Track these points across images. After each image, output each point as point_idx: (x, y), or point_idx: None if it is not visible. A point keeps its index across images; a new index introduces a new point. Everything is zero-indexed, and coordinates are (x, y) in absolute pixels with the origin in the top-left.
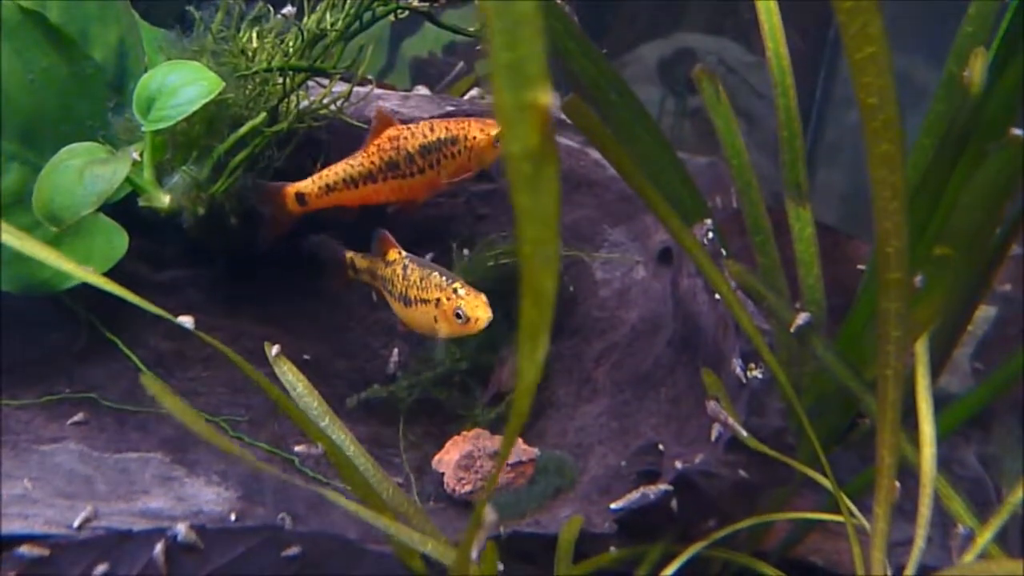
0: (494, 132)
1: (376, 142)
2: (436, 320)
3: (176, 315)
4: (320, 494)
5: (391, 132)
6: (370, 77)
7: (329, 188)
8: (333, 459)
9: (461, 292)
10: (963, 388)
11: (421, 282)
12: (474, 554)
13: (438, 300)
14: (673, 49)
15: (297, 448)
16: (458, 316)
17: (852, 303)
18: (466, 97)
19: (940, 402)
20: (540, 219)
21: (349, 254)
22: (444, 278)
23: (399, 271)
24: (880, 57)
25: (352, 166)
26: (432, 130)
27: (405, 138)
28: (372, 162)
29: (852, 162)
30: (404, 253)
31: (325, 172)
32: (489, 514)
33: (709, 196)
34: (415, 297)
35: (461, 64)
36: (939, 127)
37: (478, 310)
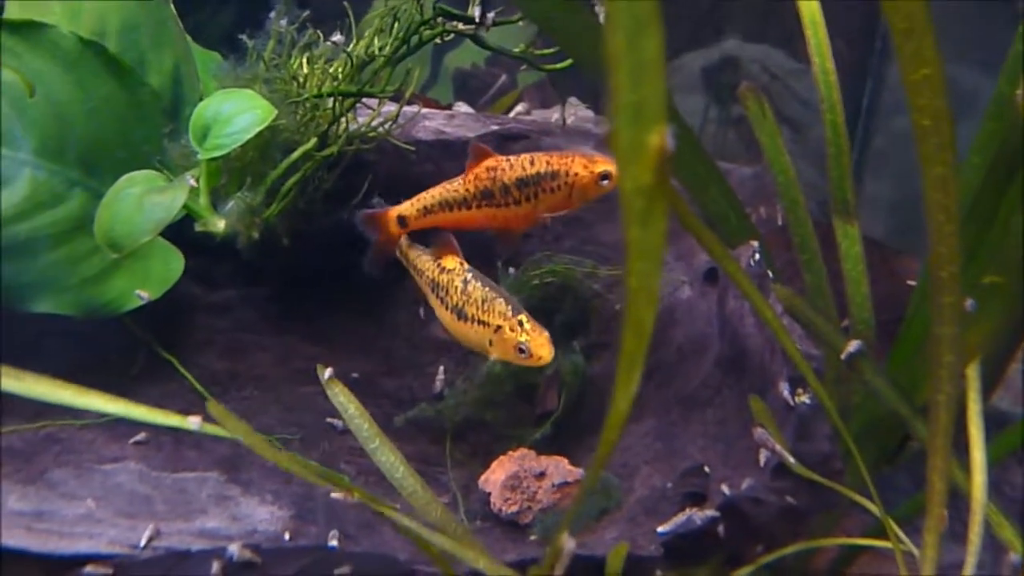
0: (598, 169)
1: (474, 171)
2: (491, 344)
3: (229, 334)
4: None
5: (489, 163)
6: (417, 96)
7: (426, 210)
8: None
9: (527, 327)
10: (1016, 406)
11: (483, 304)
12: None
13: (499, 327)
14: (717, 57)
15: (333, 495)
16: (521, 351)
17: (903, 325)
18: (511, 114)
19: (993, 420)
20: (648, 253)
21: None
22: (509, 306)
23: (457, 283)
24: (934, 79)
25: (448, 190)
26: (532, 164)
27: (503, 169)
28: (467, 189)
29: (900, 171)
30: (466, 265)
31: (423, 195)
32: (567, 541)
33: (753, 207)
34: (472, 315)
35: (504, 77)
36: (990, 146)
37: (543, 348)
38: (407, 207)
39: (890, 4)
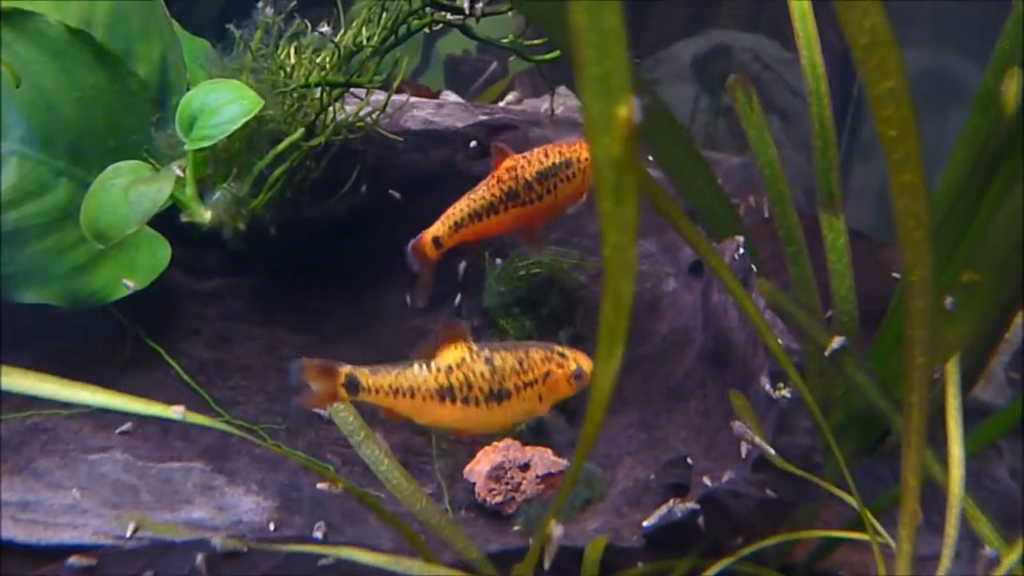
0: None
1: (495, 174)
2: (541, 399)
3: (216, 324)
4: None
5: (508, 163)
6: (407, 83)
7: (458, 225)
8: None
9: (567, 353)
10: (998, 398)
11: (522, 365)
12: (547, 564)
13: (548, 373)
14: (708, 46)
15: (319, 485)
16: (577, 377)
17: (885, 317)
18: (502, 102)
19: (975, 412)
20: (621, 224)
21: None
22: (540, 348)
23: (480, 368)
24: (898, 91)
25: (474, 200)
26: (547, 156)
27: (522, 167)
28: (493, 194)
29: None
30: (471, 343)
31: (450, 211)
32: (556, 529)
33: (743, 197)
34: (516, 386)
35: (494, 65)
36: (975, 141)
37: (589, 362)
38: (439, 227)
39: (850, 19)
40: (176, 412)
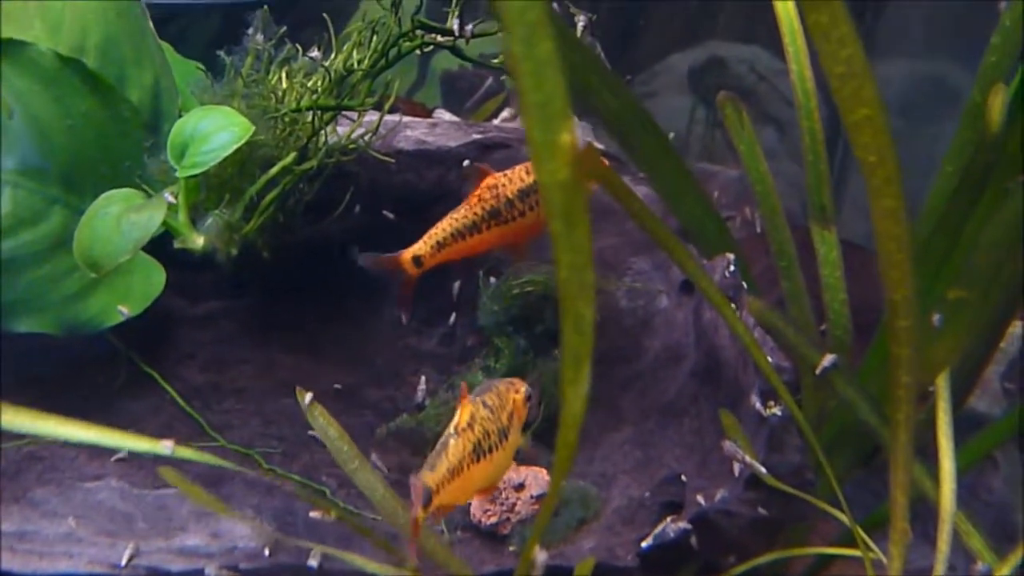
0: None
1: (476, 193)
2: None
3: (211, 347)
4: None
5: (489, 181)
6: (402, 100)
7: (440, 245)
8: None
9: (512, 381)
10: (993, 408)
11: (501, 399)
12: None
13: (513, 400)
14: (704, 58)
15: (312, 514)
16: (528, 398)
17: (876, 331)
18: (497, 120)
19: (970, 423)
20: (574, 246)
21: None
22: (498, 382)
23: (483, 414)
24: (875, 118)
25: (456, 220)
26: (528, 173)
27: (503, 185)
28: (475, 213)
29: None
30: (469, 400)
31: (433, 231)
32: (539, 554)
33: (739, 209)
34: (509, 418)
35: (490, 80)
36: (963, 155)
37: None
38: (421, 246)
39: (826, 49)
40: (165, 447)
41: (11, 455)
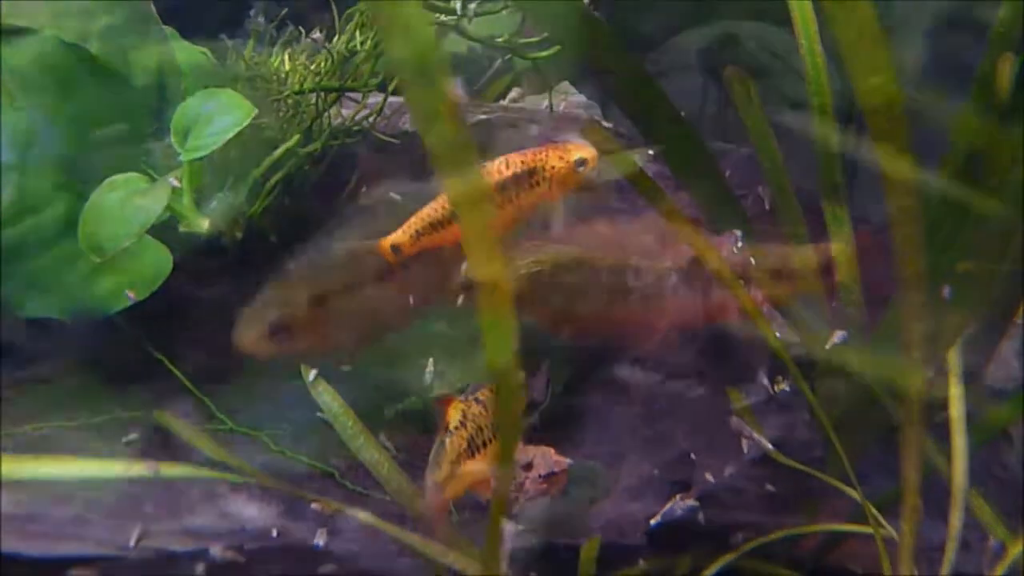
0: (573, 158)
1: None
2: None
3: (220, 330)
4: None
5: None
6: None
7: (418, 234)
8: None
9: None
10: (1009, 383)
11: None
12: (504, 567)
13: None
14: (715, 36)
15: (313, 505)
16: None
17: (887, 308)
18: (506, 99)
19: (985, 398)
20: (468, 196)
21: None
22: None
23: (475, 410)
24: (888, 86)
25: (432, 211)
26: (507, 166)
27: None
28: (449, 205)
29: None
30: (460, 400)
31: (411, 220)
32: (507, 527)
33: (751, 187)
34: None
35: (499, 61)
36: (972, 125)
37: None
38: (399, 235)
39: (837, 16)
40: (149, 469)
41: (20, 438)
